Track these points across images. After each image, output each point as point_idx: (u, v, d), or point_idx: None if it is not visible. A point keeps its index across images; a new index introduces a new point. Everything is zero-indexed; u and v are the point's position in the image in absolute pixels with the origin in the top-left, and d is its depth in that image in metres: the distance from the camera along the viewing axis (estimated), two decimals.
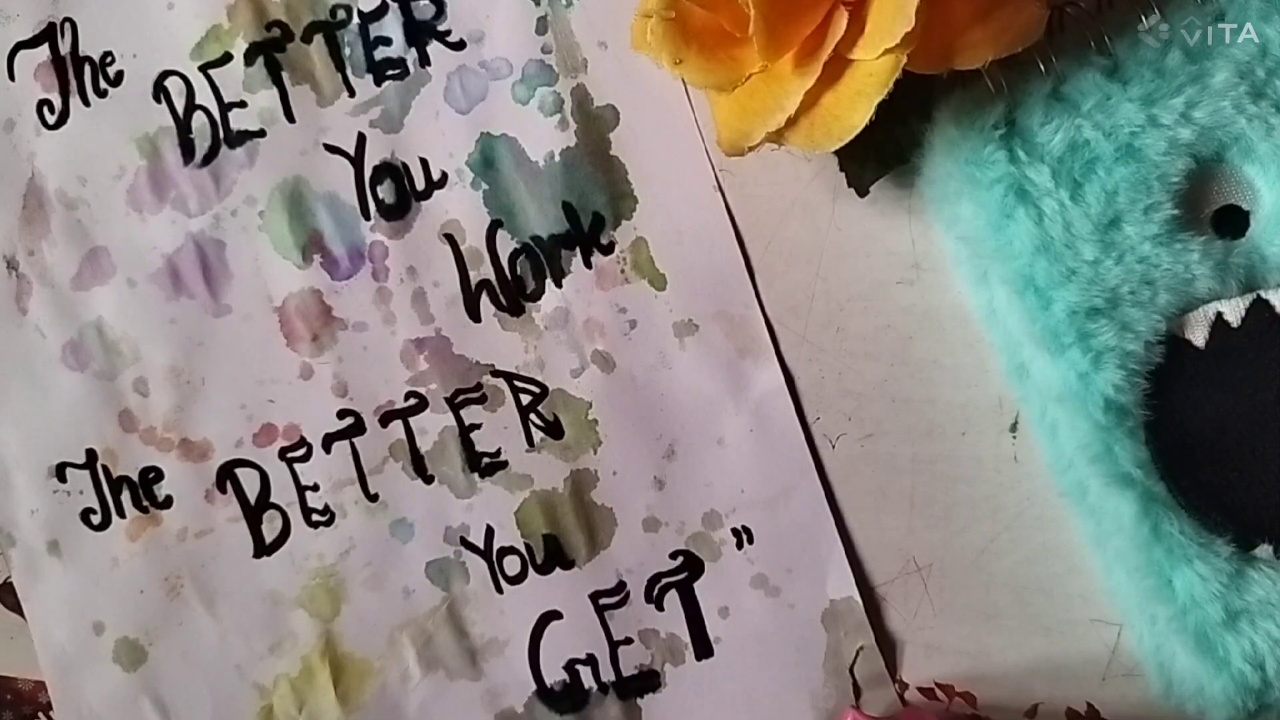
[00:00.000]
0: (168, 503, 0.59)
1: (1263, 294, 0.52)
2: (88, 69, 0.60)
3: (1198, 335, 0.52)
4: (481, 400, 0.59)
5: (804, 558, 0.58)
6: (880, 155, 0.55)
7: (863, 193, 0.56)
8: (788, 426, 0.58)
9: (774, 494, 0.58)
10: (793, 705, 0.58)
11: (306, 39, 0.60)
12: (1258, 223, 0.53)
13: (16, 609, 0.59)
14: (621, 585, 0.59)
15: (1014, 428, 0.56)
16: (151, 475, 0.59)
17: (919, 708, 0.57)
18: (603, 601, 0.59)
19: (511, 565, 0.59)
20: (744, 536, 0.58)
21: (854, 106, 0.49)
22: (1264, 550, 0.51)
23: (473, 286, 0.59)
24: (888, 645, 0.58)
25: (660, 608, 0.58)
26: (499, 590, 0.59)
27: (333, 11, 0.60)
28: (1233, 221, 0.53)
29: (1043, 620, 0.56)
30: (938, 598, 0.57)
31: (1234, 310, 0.52)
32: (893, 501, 0.57)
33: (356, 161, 0.60)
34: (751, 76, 0.51)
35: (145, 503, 0.59)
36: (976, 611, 0.57)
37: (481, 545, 0.59)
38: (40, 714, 0.59)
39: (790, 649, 0.58)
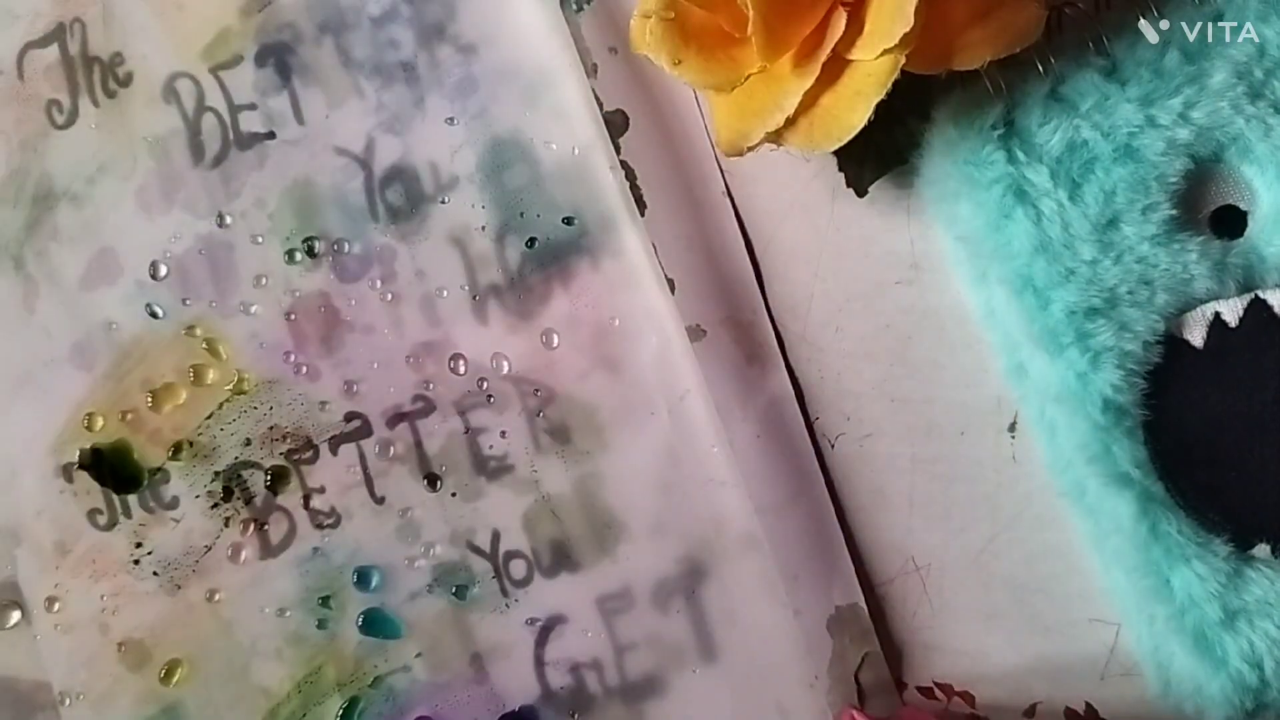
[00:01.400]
0: (174, 504, 0.60)
1: (1260, 294, 0.51)
2: (97, 70, 0.61)
3: (1196, 335, 0.52)
4: (489, 404, 0.59)
5: (810, 564, 0.58)
6: (879, 155, 0.55)
7: (861, 193, 0.56)
8: (795, 433, 0.58)
9: (781, 500, 0.58)
10: (797, 711, 0.58)
11: (316, 41, 0.61)
12: (1255, 223, 0.53)
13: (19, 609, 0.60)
14: (627, 590, 0.59)
15: (1012, 428, 0.56)
16: (158, 476, 0.60)
17: (918, 707, 0.57)
18: (608, 606, 0.59)
19: (517, 569, 0.59)
20: (750, 542, 0.58)
21: (853, 107, 0.49)
22: (1262, 550, 0.51)
23: (481, 289, 0.60)
24: (886, 645, 0.58)
25: (666, 613, 0.58)
26: (505, 594, 0.59)
27: (343, 14, 0.61)
28: (1231, 221, 0.53)
29: (1041, 620, 0.56)
30: (936, 597, 0.57)
31: (1232, 310, 0.51)
32: (891, 501, 0.58)
33: (366, 164, 0.60)
34: (750, 77, 0.51)
35: (152, 503, 0.60)
36: (975, 611, 0.57)
37: (487, 549, 0.59)
38: (39, 714, 0.59)
39: (796, 655, 0.57)
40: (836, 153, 0.53)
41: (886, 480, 0.58)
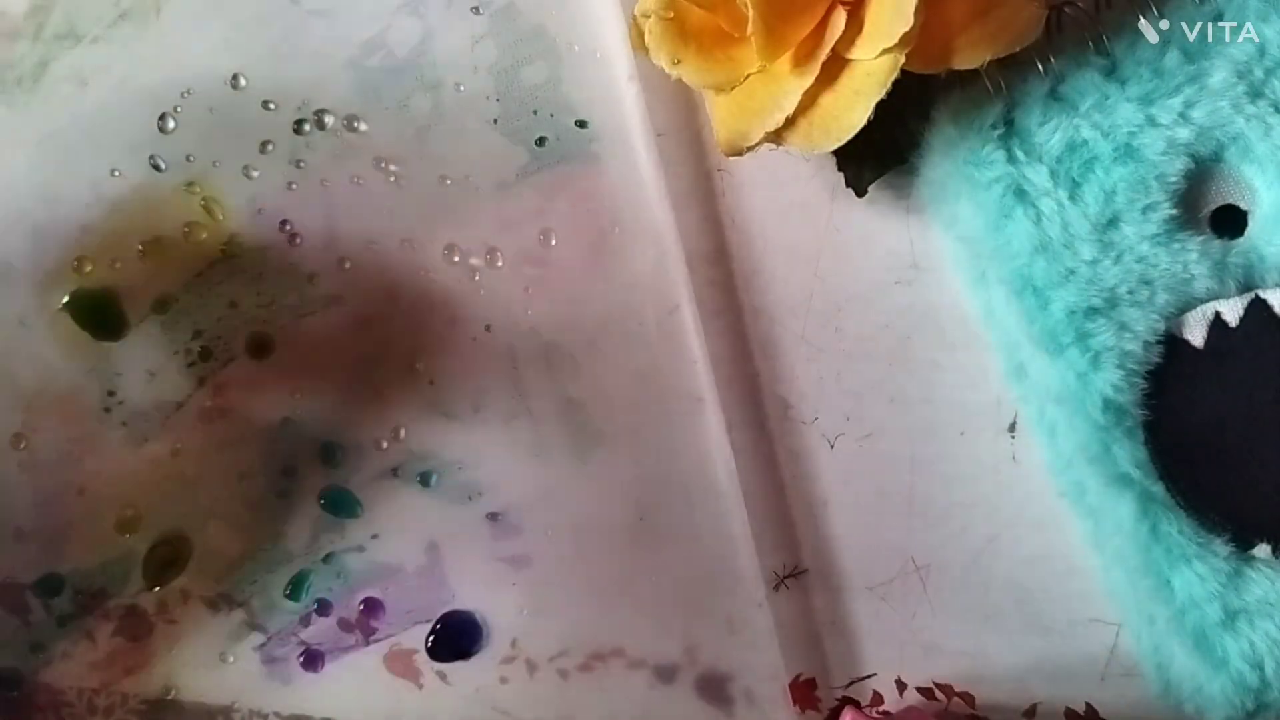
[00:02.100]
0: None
1: (1261, 294, 0.51)
2: None
3: (1196, 335, 0.52)
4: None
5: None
6: (878, 155, 0.55)
7: (861, 193, 0.56)
8: None
9: None
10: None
11: None
12: (1256, 222, 0.53)
13: (17, 610, 0.59)
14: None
15: (1012, 428, 0.56)
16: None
17: (918, 708, 0.57)
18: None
19: None
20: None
21: (852, 106, 0.49)
22: (1262, 550, 0.51)
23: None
24: (887, 645, 0.58)
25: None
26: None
27: None
28: (1231, 221, 0.53)
29: (1041, 620, 0.56)
30: (936, 597, 0.57)
31: (1232, 310, 0.51)
32: (891, 501, 0.57)
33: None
34: (750, 76, 0.51)
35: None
36: (975, 611, 0.57)
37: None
38: (38, 715, 0.59)
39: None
40: (836, 152, 0.53)
41: (886, 480, 0.58)
